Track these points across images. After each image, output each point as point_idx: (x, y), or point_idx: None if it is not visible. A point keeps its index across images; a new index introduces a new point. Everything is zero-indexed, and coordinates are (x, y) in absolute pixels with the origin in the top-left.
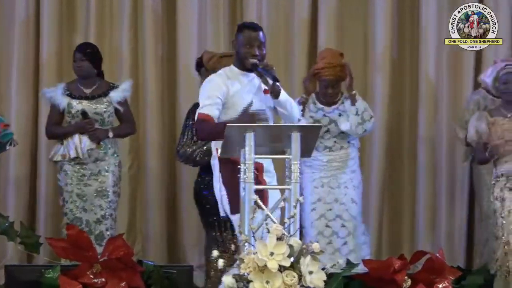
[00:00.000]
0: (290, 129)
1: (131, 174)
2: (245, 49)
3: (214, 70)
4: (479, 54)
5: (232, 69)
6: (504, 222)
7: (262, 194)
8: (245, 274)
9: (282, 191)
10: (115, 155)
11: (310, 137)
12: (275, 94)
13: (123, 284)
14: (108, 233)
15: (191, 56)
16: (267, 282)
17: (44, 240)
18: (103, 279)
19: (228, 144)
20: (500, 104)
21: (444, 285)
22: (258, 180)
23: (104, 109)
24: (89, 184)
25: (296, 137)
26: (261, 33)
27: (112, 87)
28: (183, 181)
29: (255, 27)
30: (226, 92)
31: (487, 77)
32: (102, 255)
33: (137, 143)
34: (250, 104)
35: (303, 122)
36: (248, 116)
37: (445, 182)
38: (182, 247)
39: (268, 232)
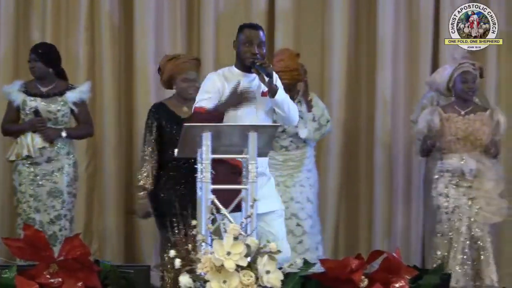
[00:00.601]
0: (246, 128)
1: (88, 173)
2: (245, 47)
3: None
4: (435, 56)
5: (232, 70)
6: (449, 219)
7: None
8: (202, 274)
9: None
10: (70, 155)
11: (267, 137)
12: (272, 92)
13: (80, 284)
14: (62, 233)
15: (147, 57)
16: (224, 281)
17: (1, 240)
18: (60, 279)
19: (185, 144)
20: (454, 102)
21: (400, 284)
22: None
23: (58, 109)
24: (42, 184)
25: (253, 136)
26: (261, 32)
27: (70, 87)
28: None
29: (255, 26)
30: (221, 91)
31: (441, 77)
32: (59, 255)
33: (94, 143)
34: (238, 83)
35: None
36: (236, 95)
37: (401, 182)
38: (139, 247)
39: (225, 231)
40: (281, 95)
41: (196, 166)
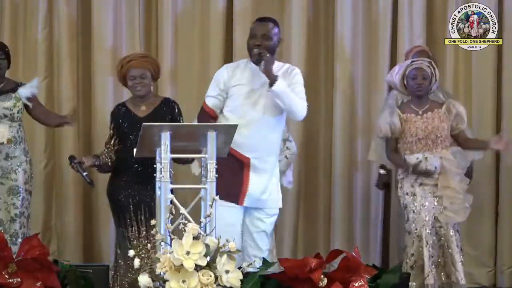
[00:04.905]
0: (206, 128)
1: (47, 172)
2: (249, 40)
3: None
4: (393, 54)
5: (249, 62)
6: (416, 216)
7: None
8: (161, 273)
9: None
10: (26, 152)
11: (226, 136)
12: (270, 82)
13: (39, 284)
14: (22, 231)
15: (105, 53)
16: (184, 281)
17: None
18: (19, 279)
19: (144, 144)
20: (410, 101)
21: (360, 283)
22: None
23: (13, 105)
24: (2, 182)
25: (212, 136)
26: (269, 25)
27: (20, 84)
28: (99, 179)
29: (262, 19)
30: (227, 80)
31: (395, 75)
32: (17, 254)
33: (52, 141)
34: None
35: None
36: None
37: (360, 181)
38: (98, 246)
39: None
40: (280, 86)
41: (154, 166)
